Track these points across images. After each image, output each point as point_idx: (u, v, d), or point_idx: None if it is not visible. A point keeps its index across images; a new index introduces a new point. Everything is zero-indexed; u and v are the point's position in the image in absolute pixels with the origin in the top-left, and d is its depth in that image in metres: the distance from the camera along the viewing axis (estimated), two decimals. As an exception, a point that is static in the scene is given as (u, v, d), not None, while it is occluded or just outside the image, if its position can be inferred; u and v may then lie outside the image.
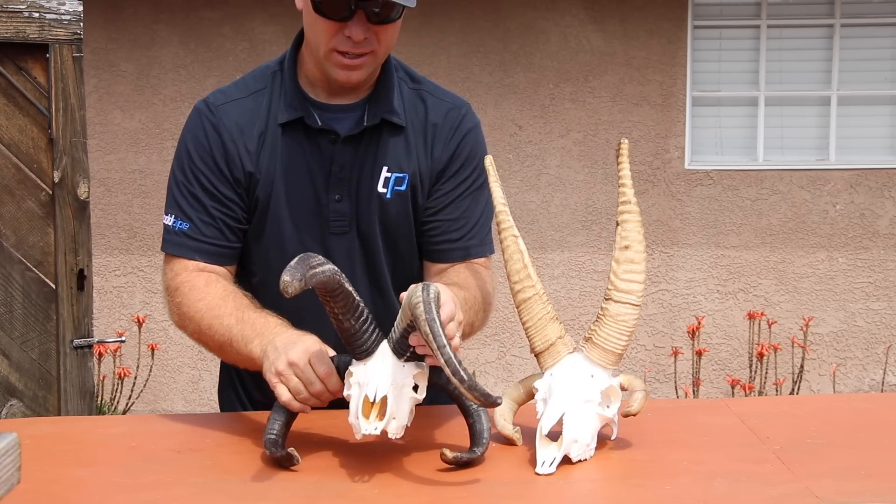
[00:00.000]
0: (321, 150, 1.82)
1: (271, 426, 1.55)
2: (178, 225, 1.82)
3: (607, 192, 5.85)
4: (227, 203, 1.82)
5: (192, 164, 1.83)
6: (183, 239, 1.82)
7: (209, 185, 1.82)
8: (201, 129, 1.85)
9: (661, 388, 5.87)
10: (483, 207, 1.91)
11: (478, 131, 1.92)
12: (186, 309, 1.78)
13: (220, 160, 1.82)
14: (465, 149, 1.88)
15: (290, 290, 1.35)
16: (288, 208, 1.83)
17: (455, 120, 1.88)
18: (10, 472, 1.10)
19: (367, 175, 1.83)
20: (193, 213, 1.82)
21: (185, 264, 1.81)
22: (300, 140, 1.82)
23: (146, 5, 5.85)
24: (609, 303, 1.60)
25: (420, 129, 1.86)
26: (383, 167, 1.83)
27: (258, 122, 1.83)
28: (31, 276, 2.90)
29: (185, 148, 1.86)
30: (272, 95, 1.84)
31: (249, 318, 1.70)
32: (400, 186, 1.84)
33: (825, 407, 2.04)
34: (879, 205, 5.87)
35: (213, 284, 1.78)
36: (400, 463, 1.56)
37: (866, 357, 5.92)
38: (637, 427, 1.69)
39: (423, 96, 1.89)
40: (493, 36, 5.86)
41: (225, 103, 1.85)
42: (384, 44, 1.77)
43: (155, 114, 5.91)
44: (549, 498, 1.45)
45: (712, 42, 5.95)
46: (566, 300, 5.89)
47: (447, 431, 1.75)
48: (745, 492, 1.44)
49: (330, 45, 1.74)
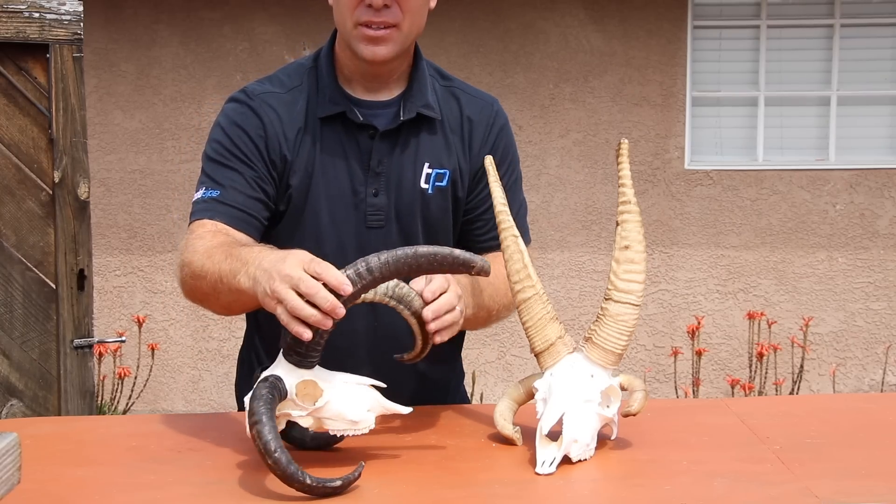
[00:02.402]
0: (359, 146, 1.83)
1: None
2: (207, 194, 1.78)
3: (607, 192, 5.85)
4: (263, 176, 1.80)
5: (231, 142, 1.80)
6: (211, 204, 1.77)
7: (244, 157, 1.80)
8: (239, 113, 1.83)
9: (661, 388, 5.87)
10: (520, 200, 1.96)
11: (509, 127, 1.96)
12: (186, 255, 1.72)
13: (257, 139, 1.80)
14: (500, 145, 1.92)
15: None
16: (326, 201, 1.83)
17: (490, 117, 1.92)
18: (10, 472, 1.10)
19: (408, 170, 1.85)
20: (226, 180, 1.78)
21: (204, 223, 1.76)
22: (339, 134, 1.83)
23: (146, 5, 5.85)
24: (609, 303, 1.60)
25: (457, 126, 1.89)
26: (425, 163, 1.86)
27: (296, 117, 1.83)
28: (32, 276, 2.90)
29: (222, 129, 1.82)
30: (309, 92, 1.85)
31: (237, 252, 1.61)
32: (441, 182, 1.87)
33: (825, 407, 2.04)
34: (879, 205, 5.87)
35: (218, 235, 1.73)
36: (400, 463, 1.56)
37: (866, 357, 5.93)
38: (637, 427, 1.69)
39: (456, 93, 1.92)
40: (493, 36, 5.86)
41: (264, 93, 1.84)
42: (409, 15, 1.77)
43: (155, 114, 5.91)
44: (549, 498, 1.45)
45: (712, 42, 5.95)
46: (566, 300, 5.89)
47: (447, 431, 1.75)
48: (744, 492, 1.44)
49: (353, 19, 1.75)
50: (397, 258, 1.46)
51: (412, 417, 1.83)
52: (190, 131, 5.85)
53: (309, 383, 1.47)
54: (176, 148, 5.86)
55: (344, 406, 1.49)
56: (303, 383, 1.46)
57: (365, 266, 1.46)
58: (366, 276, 1.45)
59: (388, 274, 1.47)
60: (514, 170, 1.95)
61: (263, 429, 1.39)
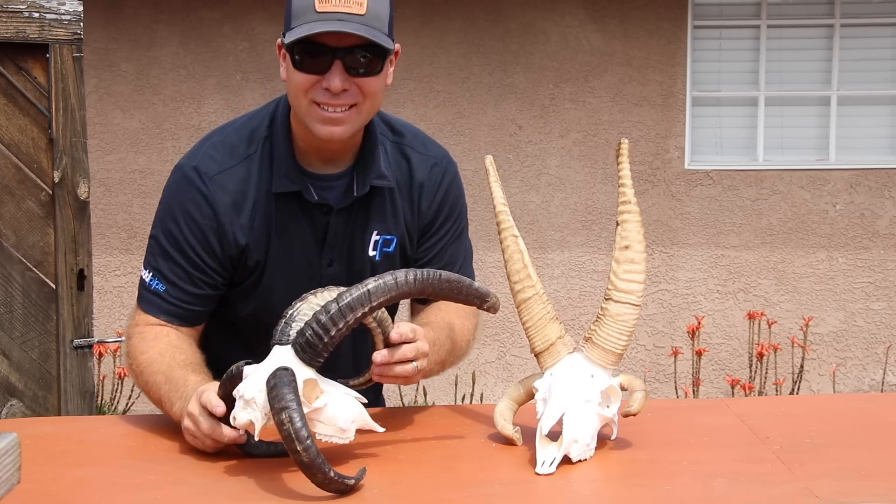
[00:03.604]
0: (314, 220, 1.83)
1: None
2: (154, 284, 1.81)
3: (607, 192, 5.85)
4: (211, 275, 1.81)
5: (181, 234, 1.80)
6: (157, 300, 1.81)
7: (195, 257, 1.80)
8: (193, 201, 1.79)
9: (661, 388, 5.87)
10: (465, 250, 1.98)
11: (458, 180, 1.97)
12: (131, 361, 1.81)
13: (212, 238, 1.80)
14: (448, 201, 1.93)
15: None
16: (281, 274, 1.84)
17: (438, 175, 1.92)
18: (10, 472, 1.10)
19: (357, 240, 1.86)
20: (174, 276, 1.80)
21: (148, 318, 1.82)
22: (294, 210, 1.82)
23: (146, 5, 5.85)
24: (609, 303, 1.60)
25: (406, 189, 1.89)
26: (373, 231, 1.87)
27: (251, 192, 1.81)
28: (32, 276, 2.90)
29: (174, 215, 1.81)
30: (263, 162, 1.81)
31: (174, 378, 1.71)
32: (388, 248, 1.88)
33: (825, 407, 2.04)
34: (879, 205, 5.87)
35: (159, 339, 1.79)
36: (399, 463, 1.56)
37: (866, 357, 5.93)
38: (637, 427, 1.69)
39: (406, 152, 1.89)
40: (493, 36, 5.86)
41: (219, 174, 1.80)
42: (369, 98, 1.74)
43: (155, 114, 5.91)
44: (549, 498, 1.45)
45: (712, 42, 5.95)
46: (566, 300, 5.89)
47: (447, 431, 1.75)
48: (745, 492, 1.44)
49: (308, 97, 1.71)
50: (424, 278, 1.51)
51: (412, 417, 1.84)
52: (190, 131, 5.84)
53: (313, 382, 1.47)
54: (176, 148, 5.86)
55: (337, 412, 1.49)
56: (309, 381, 1.46)
57: (393, 279, 1.49)
58: (393, 289, 1.49)
59: (412, 292, 1.51)
60: (462, 220, 1.97)
61: (294, 414, 1.39)
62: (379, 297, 1.47)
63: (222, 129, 1.89)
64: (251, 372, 1.50)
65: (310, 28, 1.66)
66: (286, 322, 1.52)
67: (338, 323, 1.45)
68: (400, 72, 5.99)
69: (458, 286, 1.55)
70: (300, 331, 1.48)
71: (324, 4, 1.66)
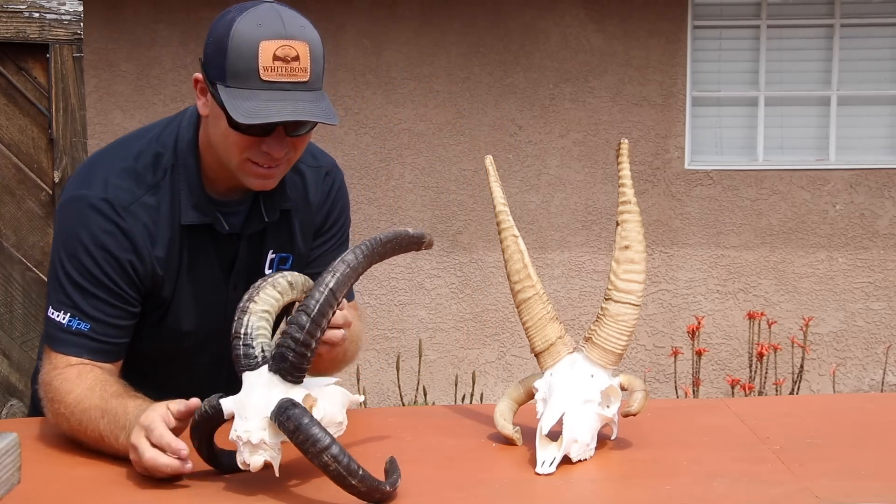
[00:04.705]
0: (222, 248, 1.82)
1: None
2: (74, 325, 1.71)
3: (607, 192, 5.85)
4: (130, 301, 1.76)
5: (99, 268, 1.72)
6: (82, 339, 1.72)
7: (118, 289, 1.74)
8: (109, 233, 1.72)
9: (661, 388, 5.87)
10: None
11: (344, 188, 1.99)
12: (56, 405, 1.69)
13: (130, 270, 1.74)
14: (336, 208, 1.96)
15: None
16: (192, 302, 1.82)
17: (328, 185, 1.94)
18: (10, 472, 1.10)
19: (256, 259, 1.86)
20: (98, 313, 1.72)
21: (69, 359, 1.72)
22: (203, 239, 1.80)
23: (146, 5, 5.85)
24: (609, 303, 1.60)
25: (303, 208, 1.90)
26: (269, 250, 1.87)
27: (163, 224, 1.77)
28: (32, 276, 2.90)
29: (87, 249, 1.72)
30: (172, 192, 1.77)
31: (111, 409, 1.62)
32: (284, 266, 1.89)
33: (825, 407, 2.05)
34: (879, 205, 5.87)
35: (84, 376, 1.70)
36: (400, 463, 1.56)
37: (866, 357, 5.93)
38: (637, 427, 1.69)
39: (299, 168, 1.88)
40: (493, 36, 5.86)
41: (132, 204, 1.74)
42: (299, 150, 1.74)
43: (155, 114, 5.90)
44: (549, 498, 1.45)
45: (712, 42, 5.95)
46: (566, 300, 5.89)
47: (447, 431, 1.75)
48: (745, 492, 1.44)
49: (244, 156, 1.69)
50: (371, 250, 1.50)
51: (412, 417, 1.84)
52: (190, 131, 5.84)
53: (310, 399, 1.46)
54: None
55: (333, 409, 1.49)
56: (307, 399, 1.45)
57: (346, 266, 1.46)
58: (351, 276, 1.47)
59: (364, 268, 1.50)
60: (347, 226, 2.00)
61: (335, 450, 1.36)
62: (342, 290, 1.46)
63: (116, 153, 1.81)
64: (235, 408, 1.45)
65: (264, 108, 1.60)
66: (244, 343, 1.48)
67: (315, 334, 1.42)
68: (400, 72, 6.00)
69: (399, 241, 1.55)
70: (279, 355, 1.43)
71: (269, 73, 1.61)
